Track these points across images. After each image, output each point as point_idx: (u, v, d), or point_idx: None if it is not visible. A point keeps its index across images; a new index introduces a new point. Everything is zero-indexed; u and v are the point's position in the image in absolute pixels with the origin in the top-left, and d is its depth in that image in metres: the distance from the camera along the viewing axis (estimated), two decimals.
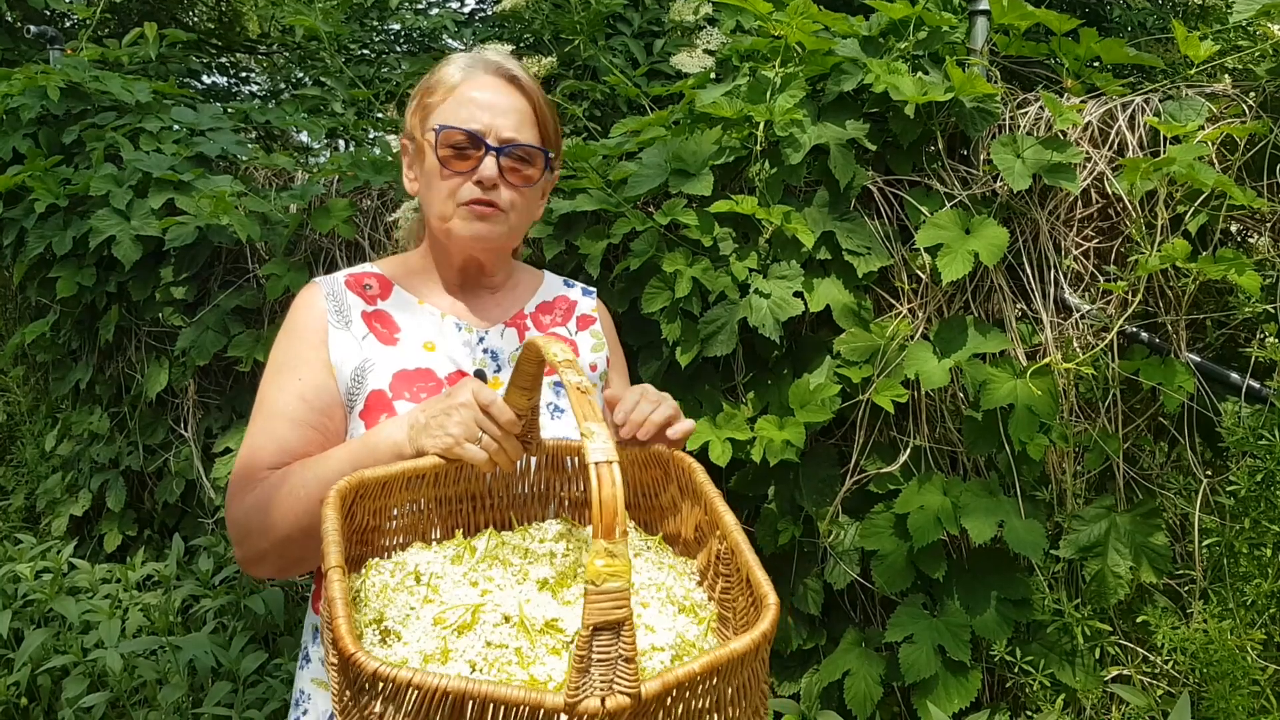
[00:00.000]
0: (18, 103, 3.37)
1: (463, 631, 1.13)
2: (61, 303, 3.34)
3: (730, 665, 1.03)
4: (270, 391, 1.54)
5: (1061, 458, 2.17)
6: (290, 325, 1.60)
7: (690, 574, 1.34)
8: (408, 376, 1.54)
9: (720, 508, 1.28)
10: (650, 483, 1.44)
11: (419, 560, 1.26)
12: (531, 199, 1.61)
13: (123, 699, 2.64)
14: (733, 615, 1.26)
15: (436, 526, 1.40)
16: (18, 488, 3.87)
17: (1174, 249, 1.98)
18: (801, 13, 2.21)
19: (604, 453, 0.96)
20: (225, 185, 3.03)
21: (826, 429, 2.27)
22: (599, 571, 0.93)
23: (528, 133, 1.57)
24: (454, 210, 1.55)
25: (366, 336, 1.57)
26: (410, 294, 1.65)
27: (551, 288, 1.77)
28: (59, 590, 2.86)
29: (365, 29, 5.29)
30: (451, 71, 1.59)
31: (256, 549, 1.46)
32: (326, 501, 1.19)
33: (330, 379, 1.54)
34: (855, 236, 2.19)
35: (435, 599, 1.18)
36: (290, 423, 1.51)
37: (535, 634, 1.12)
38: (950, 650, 2.03)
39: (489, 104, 1.55)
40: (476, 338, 1.63)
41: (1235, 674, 1.91)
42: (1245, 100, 2.12)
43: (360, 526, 1.31)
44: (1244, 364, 2.06)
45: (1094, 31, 2.18)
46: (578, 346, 1.71)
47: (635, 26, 4.10)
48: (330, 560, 1.10)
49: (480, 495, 1.42)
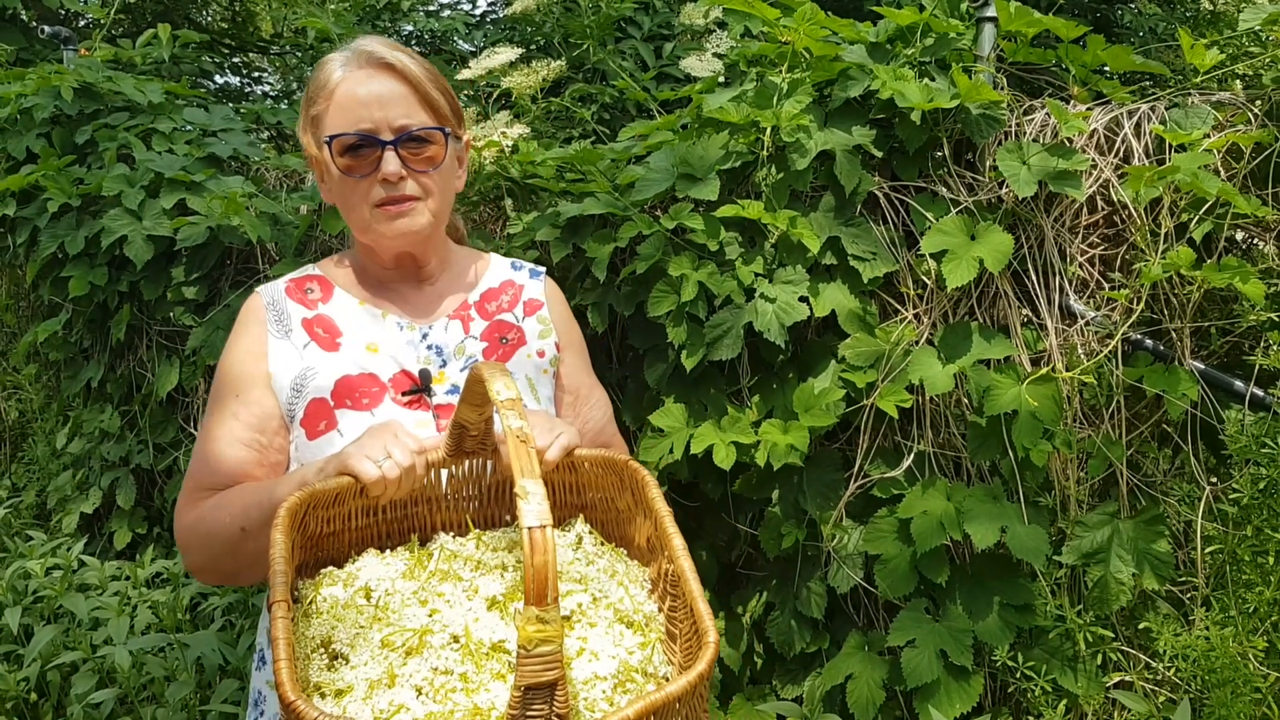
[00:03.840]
0: (32, 102, 3.40)
1: (410, 654, 1.13)
2: (73, 301, 3.36)
3: (666, 708, 1.03)
4: (210, 410, 1.57)
5: (1065, 464, 2.18)
6: (231, 339, 1.60)
7: (643, 582, 1.33)
8: (351, 383, 1.54)
9: (669, 528, 1.26)
10: (609, 486, 1.43)
11: (370, 575, 1.26)
12: (446, 177, 1.59)
13: (131, 695, 2.66)
14: (679, 635, 1.25)
15: (392, 531, 1.40)
16: (29, 485, 3.90)
17: (1178, 257, 1.98)
18: (809, 18, 2.22)
19: (537, 517, 0.94)
20: (237, 186, 3.05)
21: (831, 433, 2.28)
22: (530, 636, 0.93)
23: (419, 115, 1.54)
24: (370, 214, 1.53)
25: (308, 345, 1.57)
26: (351, 295, 1.64)
27: (497, 272, 1.75)
28: (69, 587, 2.88)
29: (377, 30, 5.32)
30: (327, 75, 1.55)
31: (195, 563, 1.52)
32: (275, 524, 1.17)
33: (268, 394, 1.54)
34: (861, 242, 2.19)
35: (385, 617, 1.18)
36: (225, 443, 1.52)
37: (481, 657, 1.12)
38: (952, 655, 2.04)
39: (371, 98, 1.51)
40: (420, 334, 1.61)
41: (1237, 681, 1.91)
42: (1251, 108, 2.12)
43: (315, 534, 1.31)
44: (1248, 372, 2.07)
45: (1101, 39, 2.19)
46: (525, 333, 1.69)
47: (645, 30, 4.12)
48: (275, 594, 1.08)
49: (437, 499, 1.42)
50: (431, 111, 1.56)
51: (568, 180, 2.55)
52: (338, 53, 1.56)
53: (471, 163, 2.58)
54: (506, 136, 2.56)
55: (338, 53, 1.56)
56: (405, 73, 1.54)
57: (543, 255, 2.50)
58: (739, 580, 2.42)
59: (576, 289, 2.44)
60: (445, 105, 1.59)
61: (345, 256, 1.70)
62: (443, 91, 1.59)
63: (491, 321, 1.68)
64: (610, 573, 1.32)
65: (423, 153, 1.54)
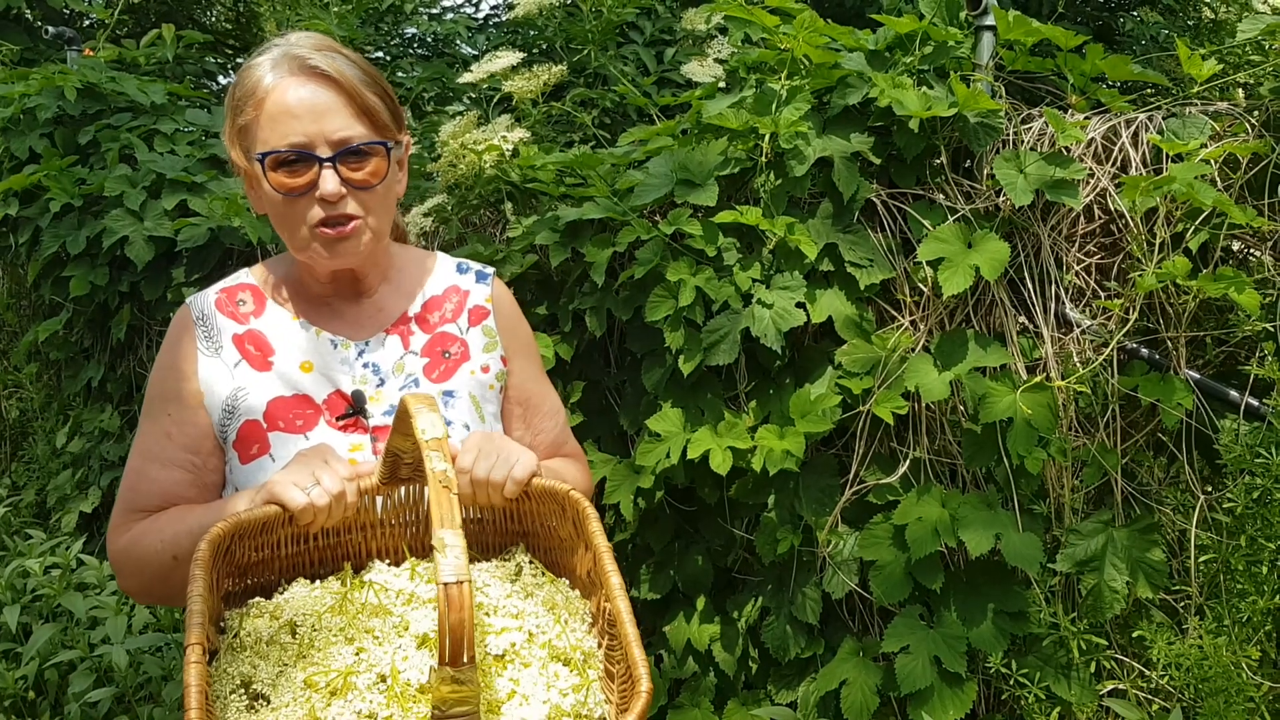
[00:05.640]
0: (35, 103, 3.42)
1: (335, 695, 1.09)
2: (74, 301, 3.38)
3: None
4: (141, 430, 1.50)
5: (1060, 472, 2.18)
6: (162, 353, 1.52)
7: (584, 615, 1.29)
8: (284, 404, 1.47)
9: (608, 566, 1.21)
10: (549, 514, 1.36)
11: (296, 610, 1.21)
12: (387, 190, 1.47)
13: (129, 694, 2.67)
14: (615, 675, 1.21)
15: (325, 559, 1.35)
16: (29, 483, 3.91)
17: (1174, 266, 1.99)
18: (808, 26, 2.23)
19: (454, 572, 0.90)
20: (238, 187, 3.06)
21: (827, 439, 2.28)
22: (445, 697, 0.89)
23: (357, 127, 1.41)
24: (309, 235, 1.43)
25: (239, 363, 1.49)
26: (283, 309, 1.54)
27: (441, 277, 1.64)
28: (67, 586, 2.89)
29: (380, 33, 5.33)
30: (255, 81, 1.41)
31: (129, 587, 1.48)
32: (196, 558, 1.11)
33: (200, 412, 1.47)
34: (858, 249, 2.20)
35: (309, 655, 1.14)
36: (158, 463, 1.46)
37: (408, 700, 1.08)
38: (946, 661, 2.05)
39: (303, 109, 1.38)
40: (355, 352, 1.53)
41: (1230, 690, 1.92)
42: (1249, 119, 2.13)
43: (242, 562, 1.27)
44: (1243, 381, 2.07)
45: (1100, 48, 2.19)
46: (469, 346, 1.60)
47: (647, 35, 4.13)
48: (190, 635, 1.03)
49: (371, 525, 1.36)
50: (370, 122, 1.43)
51: (567, 184, 2.56)
52: (264, 55, 1.43)
53: (471, 166, 2.59)
54: (507, 140, 2.57)
55: (264, 55, 1.43)
56: (340, 80, 1.41)
57: (541, 259, 2.50)
58: (735, 585, 2.42)
59: (575, 293, 2.45)
60: (384, 111, 1.46)
61: (281, 264, 1.60)
62: (380, 95, 1.46)
63: (433, 335, 1.59)
64: (549, 605, 1.27)
65: (363, 167, 1.42)
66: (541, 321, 2.52)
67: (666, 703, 2.39)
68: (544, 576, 1.35)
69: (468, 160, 2.59)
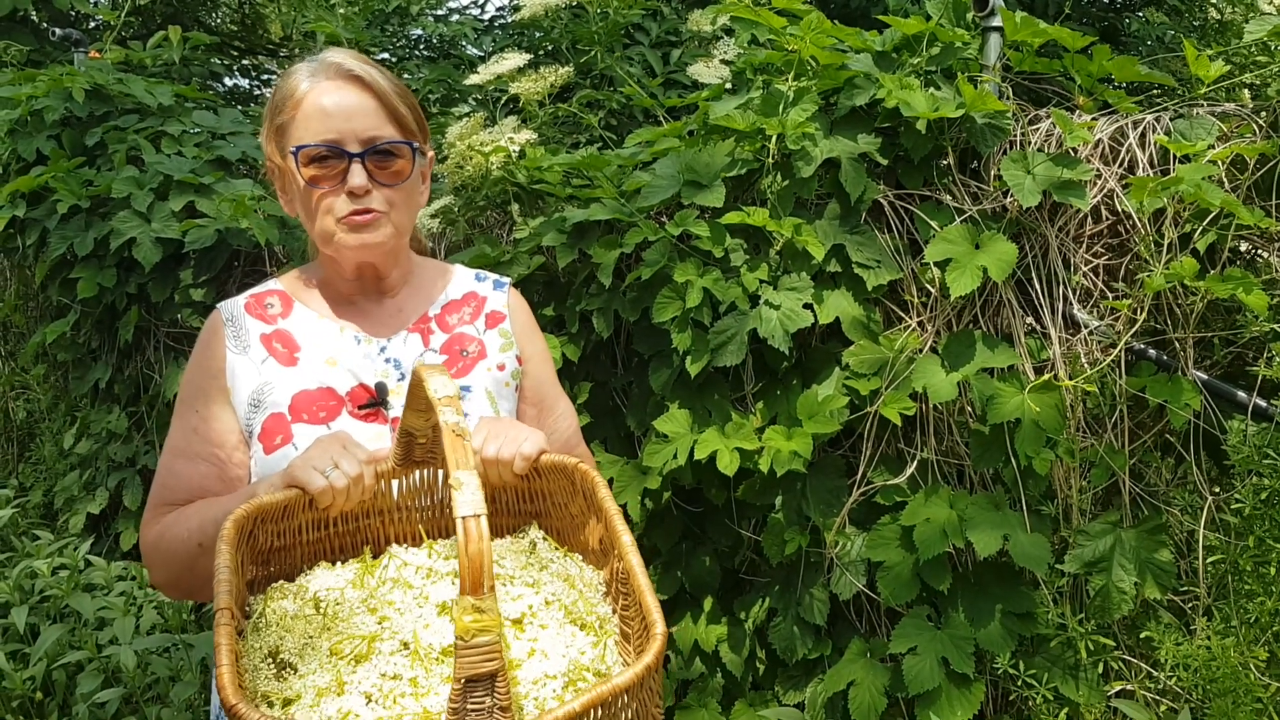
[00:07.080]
0: (42, 104, 3.43)
1: (359, 661, 1.12)
2: (82, 303, 3.39)
3: (614, 700, 1.03)
4: (171, 427, 1.58)
5: (1068, 473, 2.18)
6: (191, 358, 1.62)
7: (597, 585, 1.33)
8: (309, 397, 1.54)
9: (618, 526, 1.25)
10: (559, 491, 1.42)
11: (319, 586, 1.25)
12: (410, 192, 1.59)
13: (136, 695, 2.67)
14: (632, 635, 1.24)
15: (345, 545, 1.39)
16: (36, 485, 3.91)
17: (1182, 267, 1.99)
18: (815, 27, 2.23)
19: (471, 506, 0.94)
20: (245, 189, 3.07)
21: (834, 440, 2.28)
22: (467, 627, 0.92)
23: (386, 129, 1.53)
24: (334, 226, 1.52)
25: (266, 360, 1.57)
26: (310, 309, 1.63)
27: (460, 284, 1.74)
28: (75, 587, 2.90)
29: (386, 34, 5.33)
30: (294, 85, 1.53)
31: (159, 579, 1.54)
32: (221, 535, 1.17)
33: (226, 409, 1.55)
34: (865, 250, 2.20)
35: (333, 627, 1.18)
36: (185, 458, 1.54)
37: (431, 662, 1.12)
38: (954, 662, 2.05)
39: (338, 109, 1.50)
40: (378, 348, 1.61)
41: (1238, 691, 1.91)
42: (1256, 120, 2.13)
43: (265, 548, 1.31)
44: (1251, 382, 2.07)
45: (1107, 49, 2.19)
46: (485, 346, 1.68)
47: (653, 36, 4.12)
48: (219, 601, 1.08)
49: (389, 510, 1.41)
50: (398, 125, 1.55)
51: (574, 186, 2.56)
52: (304, 63, 1.55)
53: (478, 167, 2.59)
54: (514, 142, 2.57)
55: (304, 63, 1.55)
56: (373, 86, 1.53)
57: (549, 260, 2.51)
58: (742, 586, 2.42)
59: (582, 294, 2.45)
60: (412, 120, 1.58)
61: (308, 271, 1.70)
62: (410, 107, 1.58)
63: (451, 334, 1.67)
64: (563, 576, 1.31)
65: (389, 166, 1.53)
66: (549, 323, 2.52)
67: (674, 703, 2.39)
68: (557, 550, 1.39)
69: (475, 162, 2.59)
